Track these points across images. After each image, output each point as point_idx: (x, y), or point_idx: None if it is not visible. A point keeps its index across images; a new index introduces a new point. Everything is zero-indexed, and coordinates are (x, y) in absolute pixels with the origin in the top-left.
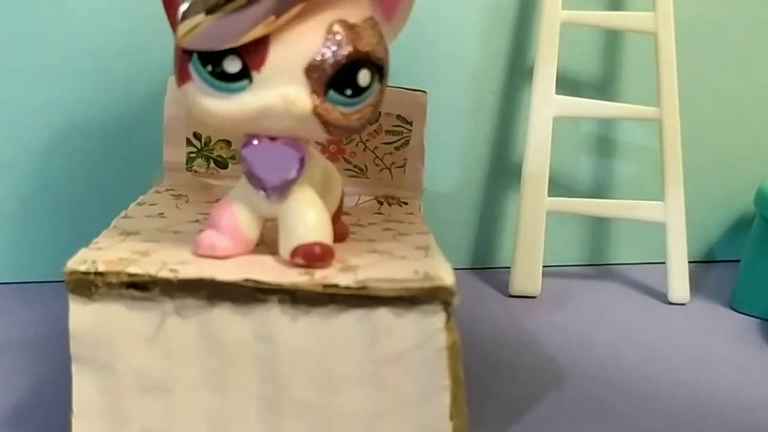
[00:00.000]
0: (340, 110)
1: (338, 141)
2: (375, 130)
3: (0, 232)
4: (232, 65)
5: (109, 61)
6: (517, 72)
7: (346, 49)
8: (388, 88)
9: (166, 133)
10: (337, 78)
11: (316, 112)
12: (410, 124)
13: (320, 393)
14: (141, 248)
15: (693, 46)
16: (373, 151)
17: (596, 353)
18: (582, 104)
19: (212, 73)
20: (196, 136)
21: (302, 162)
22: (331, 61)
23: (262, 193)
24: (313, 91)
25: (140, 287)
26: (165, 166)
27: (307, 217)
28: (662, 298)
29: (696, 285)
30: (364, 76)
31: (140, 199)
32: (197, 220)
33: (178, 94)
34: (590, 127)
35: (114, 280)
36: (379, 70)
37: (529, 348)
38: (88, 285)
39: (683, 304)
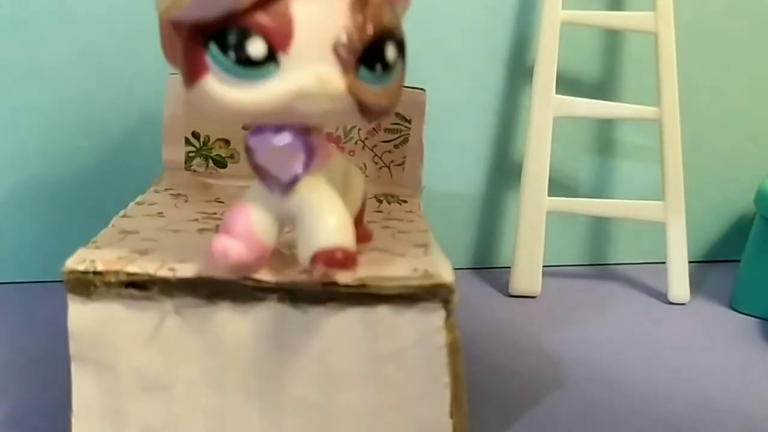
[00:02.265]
0: (371, 89)
1: (337, 139)
2: (374, 129)
3: (0, 232)
4: (257, 48)
5: (109, 61)
6: (517, 72)
7: (373, 24)
8: None
9: (165, 133)
10: (367, 54)
11: (351, 92)
12: (409, 122)
13: (320, 391)
14: (140, 247)
15: (693, 46)
16: (372, 150)
17: (596, 353)
18: (582, 104)
19: (236, 60)
20: (195, 135)
21: (310, 153)
22: (359, 36)
23: (267, 186)
24: (344, 70)
25: (139, 286)
26: (164, 165)
27: (327, 220)
28: (662, 298)
29: (696, 285)
30: (391, 51)
31: (139, 198)
32: (196, 219)
33: (177, 94)
34: (590, 127)
35: (113, 279)
36: (400, 46)
37: (529, 348)
38: (87, 284)
39: (683, 304)
